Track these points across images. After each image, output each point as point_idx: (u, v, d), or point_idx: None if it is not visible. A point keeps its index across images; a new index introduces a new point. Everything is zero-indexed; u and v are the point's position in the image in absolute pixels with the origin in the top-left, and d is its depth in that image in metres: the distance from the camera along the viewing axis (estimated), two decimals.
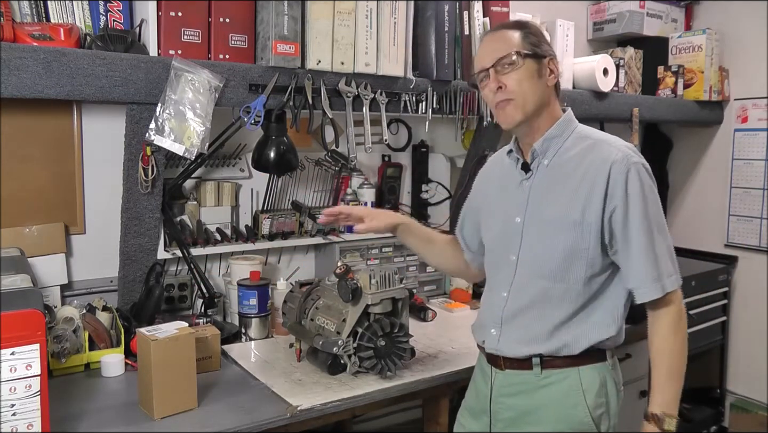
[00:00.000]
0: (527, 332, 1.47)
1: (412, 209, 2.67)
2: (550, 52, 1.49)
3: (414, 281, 2.57)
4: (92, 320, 1.78)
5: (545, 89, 1.47)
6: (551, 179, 1.47)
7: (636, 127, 2.92)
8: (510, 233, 1.51)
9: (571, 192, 1.43)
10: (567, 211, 1.42)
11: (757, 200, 3.19)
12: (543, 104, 1.47)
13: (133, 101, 1.71)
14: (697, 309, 3.01)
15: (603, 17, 3.16)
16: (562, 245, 1.42)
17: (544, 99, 1.47)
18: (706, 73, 3.12)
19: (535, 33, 1.49)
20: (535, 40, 1.47)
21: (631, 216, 1.39)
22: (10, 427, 1.22)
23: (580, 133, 1.50)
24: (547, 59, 1.47)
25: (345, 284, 1.68)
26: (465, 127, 2.50)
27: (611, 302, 1.47)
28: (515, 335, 1.48)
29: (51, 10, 1.76)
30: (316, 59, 1.95)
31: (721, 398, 3.36)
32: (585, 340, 1.44)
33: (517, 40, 1.45)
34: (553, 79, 1.49)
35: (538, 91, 1.45)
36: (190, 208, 2.11)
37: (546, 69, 1.47)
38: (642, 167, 1.42)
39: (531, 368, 1.46)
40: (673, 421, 1.38)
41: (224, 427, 1.44)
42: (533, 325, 1.46)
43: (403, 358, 1.74)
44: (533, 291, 1.46)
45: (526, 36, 1.47)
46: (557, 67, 1.49)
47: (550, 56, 1.48)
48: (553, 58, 1.49)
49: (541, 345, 1.45)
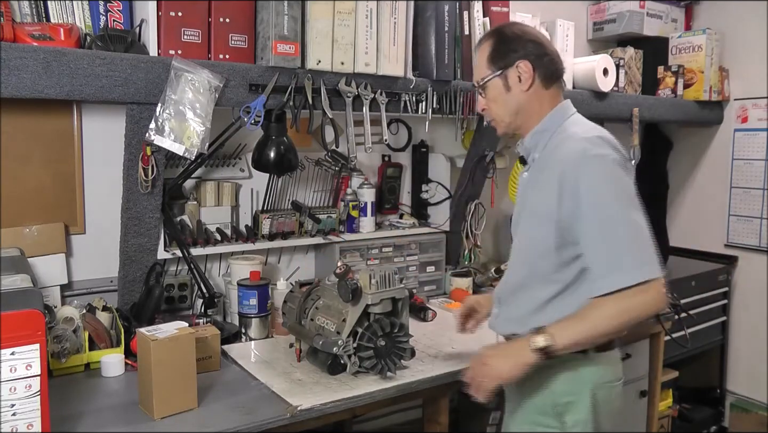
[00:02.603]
0: (510, 314, 1.59)
1: (412, 209, 2.67)
2: (517, 56, 1.50)
3: (414, 281, 2.57)
4: (92, 320, 1.78)
5: (519, 96, 1.53)
6: (537, 172, 1.54)
7: (636, 127, 2.92)
8: (515, 221, 1.62)
9: (542, 186, 1.48)
10: (538, 205, 1.49)
11: (757, 200, 3.19)
12: (520, 110, 1.54)
13: (133, 101, 1.71)
14: (697, 309, 3.02)
15: (603, 17, 3.16)
16: (534, 237, 1.50)
17: (520, 106, 1.54)
18: (706, 73, 3.12)
19: (504, 39, 1.53)
20: (503, 49, 1.53)
21: (584, 210, 1.38)
22: (10, 427, 1.22)
23: (566, 125, 1.52)
24: (514, 67, 1.51)
25: (345, 283, 1.68)
26: (465, 127, 2.50)
27: (578, 293, 1.46)
28: (503, 316, 1.61)
29: (51, 10, 1.76)
30: (316, 59, 1.95)
31: (721, 398, 3.36)
32: None
33: (485, 60, 1.55)
34: (526, 83, 1.51)
35: (509, 104, 1.54)
36: (190, 208, 2.11)
37: (515, 77, 1.51)
38: (597, 159, 1.39)
39: None
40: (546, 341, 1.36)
41: (224, 427, 1.44)
42: (514, 308, 1.57)
43: (403, 358, 1.74)
44: (516, 278, 1.57)
45: (494, 49, 1.54)
46: (528, 68, 1.50)
47: (519, 60, 1.50)
48: (524, 60, 1.50)
49: (518, 326, 1.53)
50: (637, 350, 2.37)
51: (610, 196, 1.38)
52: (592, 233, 1.38)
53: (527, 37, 1.53)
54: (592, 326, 1.38)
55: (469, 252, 2.65)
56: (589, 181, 1.38)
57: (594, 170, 1.39)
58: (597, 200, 1.38)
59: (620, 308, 1.37)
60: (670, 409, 3.03)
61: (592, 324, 1.38)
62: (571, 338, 1.37)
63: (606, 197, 1.38)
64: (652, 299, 1.36)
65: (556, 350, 1.36)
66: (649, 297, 1.36)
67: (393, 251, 2.51)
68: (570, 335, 1.37)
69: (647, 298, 1.36)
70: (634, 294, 1.34)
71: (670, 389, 3.03)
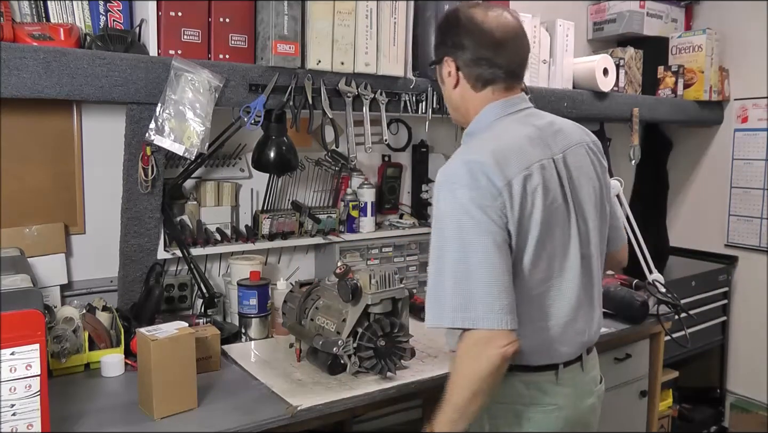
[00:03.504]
0: None
1: (412, 209, 2.67)
2: (445, 51, 1.42)
3: (414, 281, 2.57)
4: (92, 320, 1.78)
5: (450, 93, 1.46)
6: None
7: (636, 127, 2.92)
8: None
9: None
10: None
11: (757, 200, 3.19)
12: (456, 107, 1.49)
13: (133, 101, 1.72)
14: (697, 309, 3.02)
15: (603, 17, 3.16)
16: None
17: (454, 103, 1.48)
18: (706, 73, 3.13)
19: (441, 28, 1.45)
20: (439, 37, 1.46)
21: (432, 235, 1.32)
22: (10, 427, 1.22)
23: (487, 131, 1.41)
24: (444, 62, 1.43)
25: (345, 283, 1.68)
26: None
27: None
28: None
29: (51, 10, 1.76)
30: (316, 59, 1.95)
31: (721, 398, 3.36)
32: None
33: (434, 41, 1.49)
34: (452, 81, 1.43)
35: (445, 96, 1.50)
36: (190, 208, 2.11)
37: (444, 72, 1.44)
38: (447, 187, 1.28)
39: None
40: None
41: (224, 427, 1.44)
42: None
43: (403, 358, 1.75)
44: None
45: (436, 35, 1.48)
46: (451, 66, 1.42)
47: (446, 57, 1.42)
48: (448, 57, 1.41)
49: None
50: (637, 350, 2.37)
51: (452, 230, 1.26)
52: (430, 264, 1.31)
53: (465, 28, 1.39)
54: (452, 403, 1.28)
55: None
56: (437, 211, 1.30)
57: (443, 201, 1.29)
58: (439, 232, 1.28)
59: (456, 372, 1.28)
60: (670, 409, 3.03)
61: (451, 400, 1.28)
62: (444, 426, 1.28)
63: (447, 231, 1.27)
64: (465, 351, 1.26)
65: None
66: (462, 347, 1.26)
67: (393, 251, 2.51)
68: (443, 424, 1.28)
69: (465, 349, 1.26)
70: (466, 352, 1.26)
71: (670, 389, 3.03)
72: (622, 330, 2.21)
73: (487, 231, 1.24)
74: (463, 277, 1.24)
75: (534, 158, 1.34)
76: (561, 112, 1.64)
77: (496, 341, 1.23)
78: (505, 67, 1.39)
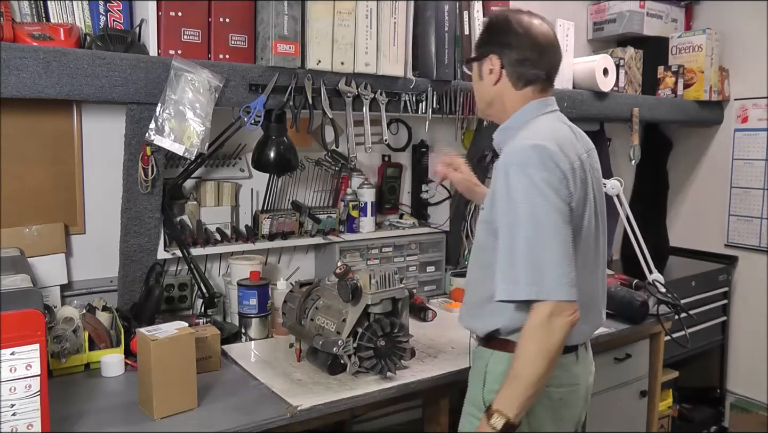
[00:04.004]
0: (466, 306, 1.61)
1: (412, 209, 2.67)
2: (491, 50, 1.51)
3: (414, 281, 2.57)
4: (92, 320, 1.78)
5: (487, 89, 1.55)
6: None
7: (636, 127, 2.92)
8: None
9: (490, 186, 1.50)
10: (485, 206, 1.51)
11: (757, 200, 3.19)
12: (490, 102, 1.56)
13: (133, 101, 1.72)
14: (697, 309, 3.02)
15: (603, 17, 3.16)
16: (478, 233, 1.55)
17: (489, 98, 1.56)
18: (706, 73, 3.13)
19: (490, 27, 1.55)
20: (485, 36, 1.55)
21: (499, 217, 1.39)
22: (10, 427, 1.22)
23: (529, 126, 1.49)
24: (487, 59, 1.52)
25: (345, 283, 1.68)
26: (465, 127, 2.50)
27: None
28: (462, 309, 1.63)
29: (51, 10, 1.76)
30: (316, 59, 1.95)
31: (721, 398, 3.36)
32: (483, 326, 1.52)
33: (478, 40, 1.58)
34: (493, 78, 1.51)
35: (479, 92, 1.58)
36: (190, 208, 2.11)
37: (487, 69, 1.53)
38: (518, 169, 1.36)
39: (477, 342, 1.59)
40: (502, 420, 1.32)
41: (224, 427, 1.44)
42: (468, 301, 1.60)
43: (403, 358, 1.75)
44: (469, 274, 1.61)
45: (482, 33, 1.57)
46: (496, 64, 1.50)
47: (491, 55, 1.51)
48: (495, 56, 1.50)
49: (470, 319, 1.58)
50: (637, 350, 2.37)
51: (525, 208, 1.34)
52: (502, 243, 1.38)
53: (514, 30, 1.49)
54: (523, 377, 1.33)
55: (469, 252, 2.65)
56: (505, 188, 1.37)
57: (515, 182, 1.36)
58: (512, 208, 1.36)
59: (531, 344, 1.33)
60: (670, 409, 3.03)
61: (522, 375, 1.33)
62: (515, 402, 1.33)
63: (520, 209, 1.35)
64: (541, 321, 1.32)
65: (514, 422, 1.32)
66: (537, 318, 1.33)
67: (393, 251, 2.51)
68: (513, 401, 1.33)
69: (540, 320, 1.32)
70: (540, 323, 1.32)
71: (670, 389, 3.03)
72: (622, 330, 2.21)
73: (557, 210, 1.35)
74: (537, 252, 1.33)
75: (578, 151, 1.47)
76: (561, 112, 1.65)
77: (566, 312, 1.33)
78: (546, 70, 1.51)
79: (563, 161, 1.38)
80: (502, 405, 1.33)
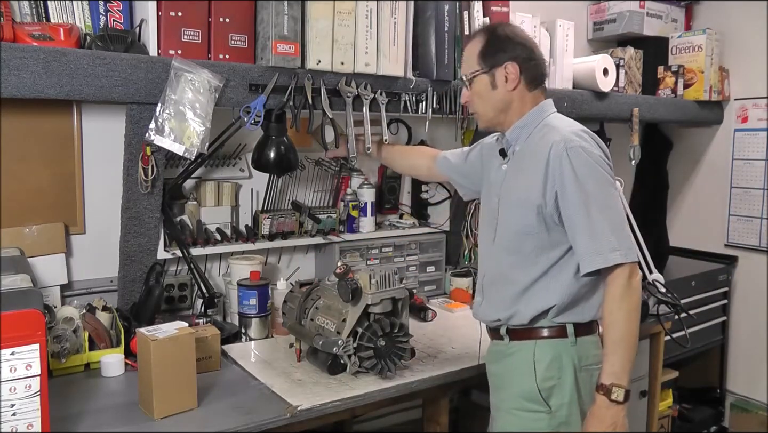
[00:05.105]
0: (494, 300, 1.64)
1: (412, 209, 2.67)
2: (506, 57, 1.58)
3: (414, 281, 2.57)
4: (92, 320, 1.78)
5: (503, 96, 1.60)
6: (519, 164, 1.61)
7: (636, 127, 2.92)
8: (491, 211, 1.67)
9: (528, 176, 1.56)
10: (521, 193, 1.56)
11: (757, 200, 3.19)
12: (504, 108, 1.62)
13: (133, 101, 1.71)
14: (697, 309, 3.02)
15: (603, 17, 3.16)
16: (517, 224, 1.57)
17: (504, 104, 1.61)
18: (706, 73, 3.12)
19: (496, 39, 1.60)
20: (493, 49, 1.59)
21: (568, 195, 1.48)
22: (10, 427, 1.22)
23: (548, 121, 1.60)
24: (502, 67, 1.58)
25: (345, 283, 1.68)
26: (465, 127, 2.50)
27: (562, 274, 1.55)
28: (487, 303, 1.66)
29: (51, 10, 1.76)
30: (316, 59, 1.95)
31: (721, 398, 3.36)
32: (532, 308, 1.56)
33: (475, 55, 1.61)
34: (511, 84, 1.58)
35: (492, 102, 1.62)
36: (190, 208, 2.11)
37: (501, 77, 1.59)
38: (579, 149, 1.49)
39: (502, 338, 1.62)
40: (621, 391, 1.44)
41: (224, 427, 1.44)
42: (498, 294, 1.63)
43: (403, 358, 1.74)
44: (501, 264, 1.62)
45: (485, 46, 1.60)
46: (515, 69, 1.57)
47: (508, 62, 1.57)
48: (512, 62, 1.57)
49: (501, 312, 1.60)
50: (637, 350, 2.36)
51: (597, 184, 1.48)
52: (579, 217, 1.47)
53: (517, 39, 1.60)
54: (624, 340, 1.46)
55: (469, 252, 2.65)
56: (570, 169, 1.48)
57: (577, 159, 1.48)
58: (582, 187, 1.47)
59: (624, 306, 1.46)
60: (670, 409, 3.03)
61: (622, 339, 1.45)
62: (624, 369, 1.45)
63: (593, 185, 1.47)
64: (627, 281, 1.46)
65: (629, 389, 1.45)
66: (623, 278, 1.46)
67: (393, 251, 2.51)
68: (621, 368, 1.45)
69: (626, 280, 1.46)
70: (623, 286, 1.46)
71: (670, 389, 3.02)
72: None
73: (613, 184, 1.51)
74: (613, 220, 1.48)
75: None
76: (561, 112, 1.67)
77: (637, 271, 1.49)
78: (544, 71, 1.65)
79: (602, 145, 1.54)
80: (615, 377, 1.44)
